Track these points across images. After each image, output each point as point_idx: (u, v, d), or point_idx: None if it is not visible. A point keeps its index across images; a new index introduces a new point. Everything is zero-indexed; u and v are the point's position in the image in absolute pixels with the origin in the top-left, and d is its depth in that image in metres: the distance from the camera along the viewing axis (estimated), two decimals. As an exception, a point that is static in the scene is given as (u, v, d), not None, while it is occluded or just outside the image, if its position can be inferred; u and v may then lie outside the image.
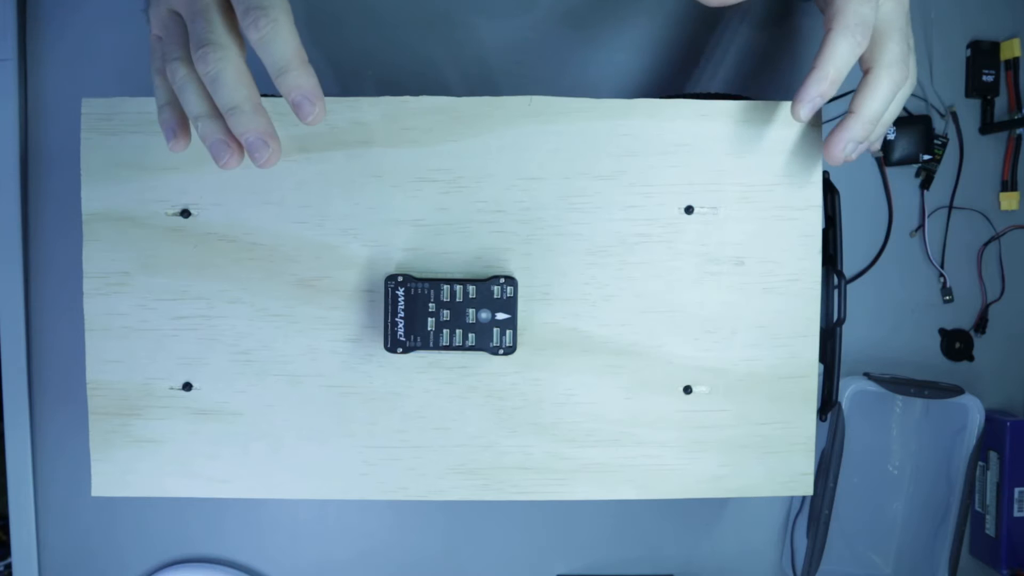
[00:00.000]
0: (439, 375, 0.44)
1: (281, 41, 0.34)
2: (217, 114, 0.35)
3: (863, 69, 0.41)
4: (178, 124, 0.37)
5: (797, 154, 0.43)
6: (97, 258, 0.43)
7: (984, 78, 0.58)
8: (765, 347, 0.44)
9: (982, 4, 0.59)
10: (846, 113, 0.40)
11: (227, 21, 0.35)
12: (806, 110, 0.39)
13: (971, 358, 0.60)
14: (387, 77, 0.57)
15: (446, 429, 0.44)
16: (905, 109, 0.59)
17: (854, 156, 0.41)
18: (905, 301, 0.60)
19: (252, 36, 0.34)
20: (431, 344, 0.41)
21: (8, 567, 0.61)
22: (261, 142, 0.35)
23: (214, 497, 0.44)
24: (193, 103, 0.36)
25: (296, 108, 0.34)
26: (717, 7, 0.41)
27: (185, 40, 0.36)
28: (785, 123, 0.43)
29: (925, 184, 0.59)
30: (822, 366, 0.46)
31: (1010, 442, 0.58)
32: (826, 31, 0.39)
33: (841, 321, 0.45)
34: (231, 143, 0.36)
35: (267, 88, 0.44)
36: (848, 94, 0.41)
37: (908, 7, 0.41)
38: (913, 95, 0.58)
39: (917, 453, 0.61)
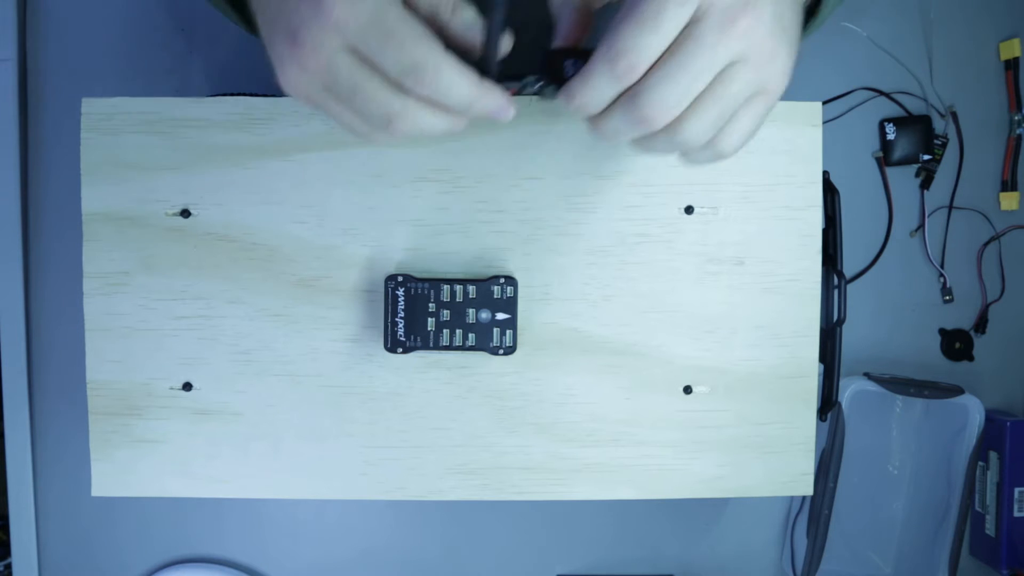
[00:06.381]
0: (439, 375, 0.44)
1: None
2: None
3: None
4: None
5: (797, 154, 0.43)
6: (97, 258, 0.43)
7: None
8: (765, 347, 0.44)
9: (982, 4, 0.59)
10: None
11: (417, 24, 0.30)
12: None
13: (971, 358, 0.60)
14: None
15: (446, 429, 0.44)
16: (905, 109, 0.59)
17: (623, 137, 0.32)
18: (905, 301, 0.60)
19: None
20: (431, 344, 0.41)
21: (8, 567, 0.61)
22: (504, 105, 0.32)
23: (214, 497, 0.44)
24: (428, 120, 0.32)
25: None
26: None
27: (372, 74, 0.31)
28: (785, 123, 0.43)
29: (925, 184, 0.59)
30: (822, 366, 0.46)
31: (1010, 442, 0.58)
32: None
33: (841, 321, 0.45)
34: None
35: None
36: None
37: None
38: (913, 95, 0.58)
39: (917, 453, 0.61)
